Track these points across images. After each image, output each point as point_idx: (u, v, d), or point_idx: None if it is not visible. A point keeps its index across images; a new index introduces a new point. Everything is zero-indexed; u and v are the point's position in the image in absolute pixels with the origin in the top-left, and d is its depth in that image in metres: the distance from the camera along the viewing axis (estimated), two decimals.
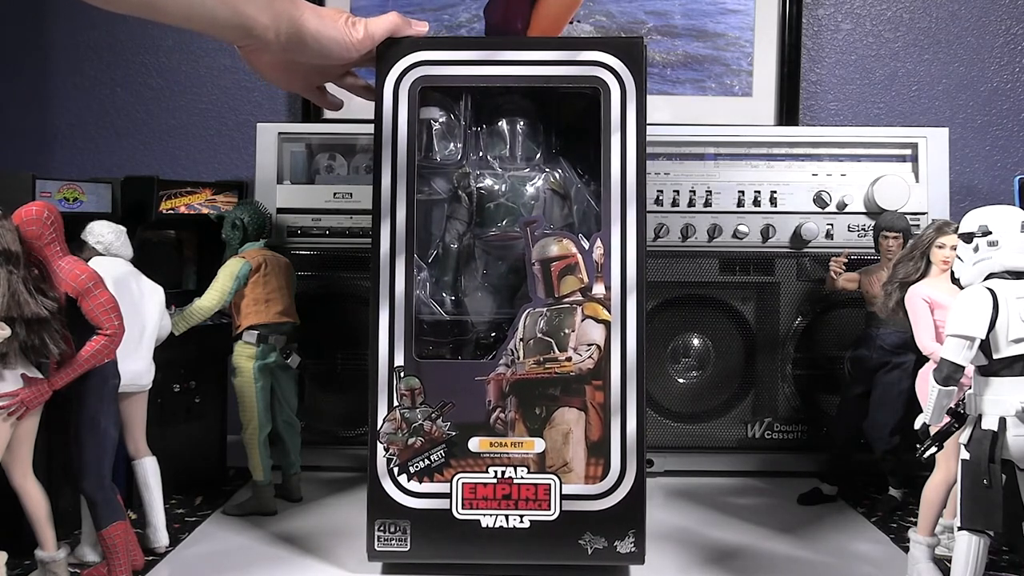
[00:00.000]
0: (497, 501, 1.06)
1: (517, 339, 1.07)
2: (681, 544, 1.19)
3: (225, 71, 1.81)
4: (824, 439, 1.47)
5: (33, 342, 0.93)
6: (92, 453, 1.01)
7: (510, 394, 1.06)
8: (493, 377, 1.07)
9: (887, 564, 1.13)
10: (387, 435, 1.06)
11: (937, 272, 1.11)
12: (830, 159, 1.52)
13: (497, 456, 1.06)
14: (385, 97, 1.07)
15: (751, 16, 1.75)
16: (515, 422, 1.06)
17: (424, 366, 1.07)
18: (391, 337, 1.06)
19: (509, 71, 1.08)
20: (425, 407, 1.06)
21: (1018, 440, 0.86)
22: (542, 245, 1.09)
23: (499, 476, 1.06)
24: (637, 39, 1.09)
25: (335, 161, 1.55)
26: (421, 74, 1.07)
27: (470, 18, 1.73)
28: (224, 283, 1.28)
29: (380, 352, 1.06)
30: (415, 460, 1.06)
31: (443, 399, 1.06)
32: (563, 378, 1.07)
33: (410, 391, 1.06)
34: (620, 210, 1.07)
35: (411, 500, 1.06)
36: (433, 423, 1.06)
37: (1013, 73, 1.79)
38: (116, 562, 1.01)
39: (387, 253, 1.06)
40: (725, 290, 1.51)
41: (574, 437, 1.07)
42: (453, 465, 1.06)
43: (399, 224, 1.07)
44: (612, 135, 1.08)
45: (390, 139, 1.07)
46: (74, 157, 1.81)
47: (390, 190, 1.07)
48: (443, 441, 1.06)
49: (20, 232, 0.95)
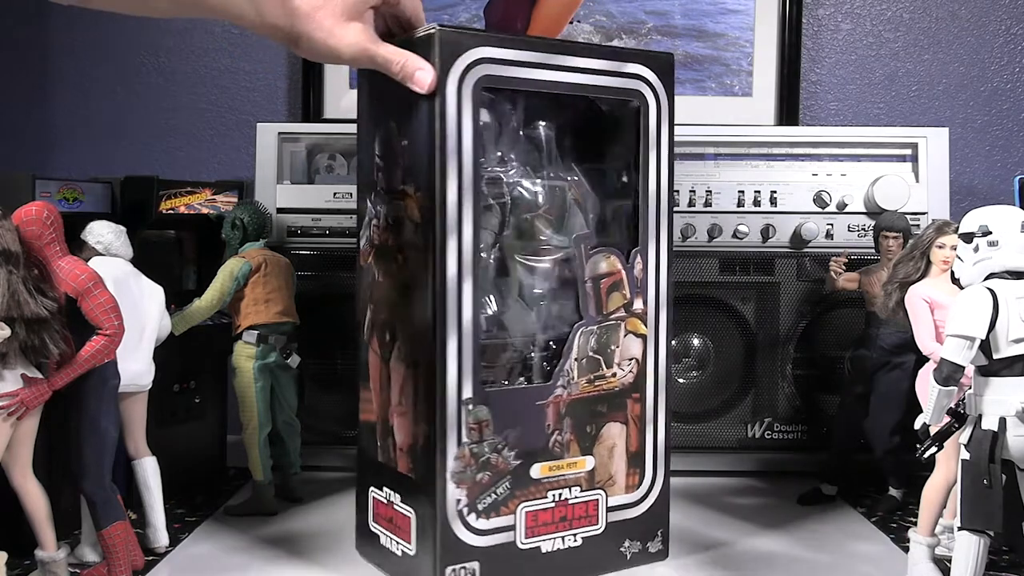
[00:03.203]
0: (555, 524, 1.04)
1: (572, 359, 1.04)
2: (681, 544, 1.19)
3: (225, 71, 1.81)
4: (824, 439, 1.47)
5: (33, 342, 0.93)
6: (92, 453, 1.01)
7: (566, 415, 1.04)
8: (552, 400, 1.03)
9: (887, 564, 1.13)
10: (457, 474, 0.96)
11: (937, 272, 1.11)
12: (830, 159, 1.52)
13: (556, 480, 1.03)
14: (449, 95, 0.94)
15: (751, 16, 1.75)
16: (570, 443, 1.04)
17: (491, 395, 0.99)
18: (459, 368, 0.96)
19: (562, 77, 1.01)
20: (492, 439, 0.99)
21: (1018, 440, 0.86)
22: (593, 262, 1.06)
23: (556, 499, 1.03)
24: (669, 55, 1.10)
25: (335, 161, 1.55)
26: (483, 73, 0.96)
27: (470, 18, 1.73)
28: (224, 283, 1.28)
29: (449, 385, 0.95)
30: (483, 496, 0.98)
31: (507, 428, 0.99)
32: (609, 394, 1.07)
33: (478, 424, 0.98)
34: (655, 225, 1.09)
35: (479, 539, 0.99)
36: (499, 455, 0.99)
37: (1013, 73, 1.79)
38: (116, 562, 1.01)
39: (455, 276, 0.94)
40: (725, 290, 1.51)
41: (618, 450, 1.08)
42: (517, 495, 1.00)
43: (466, 243, 0.95)
44: (650, 151, 1.08)
45: (456, 145, 0.94)
46: (74, 157, 1.81)
47: (456, 204, 0.94)
48: (508, 472, 1.00)
49: (20, 232, 0.95)
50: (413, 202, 0.97)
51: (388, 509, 1.04)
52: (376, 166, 1.04)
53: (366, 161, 1.06)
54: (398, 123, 0.99)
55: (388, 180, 1.02)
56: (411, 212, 0.98)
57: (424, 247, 0.95)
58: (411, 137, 0.97)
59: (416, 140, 0.96)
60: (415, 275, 0.97)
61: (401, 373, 1.01)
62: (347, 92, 1.76)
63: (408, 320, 0.99)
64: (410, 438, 1.00)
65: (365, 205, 1.06)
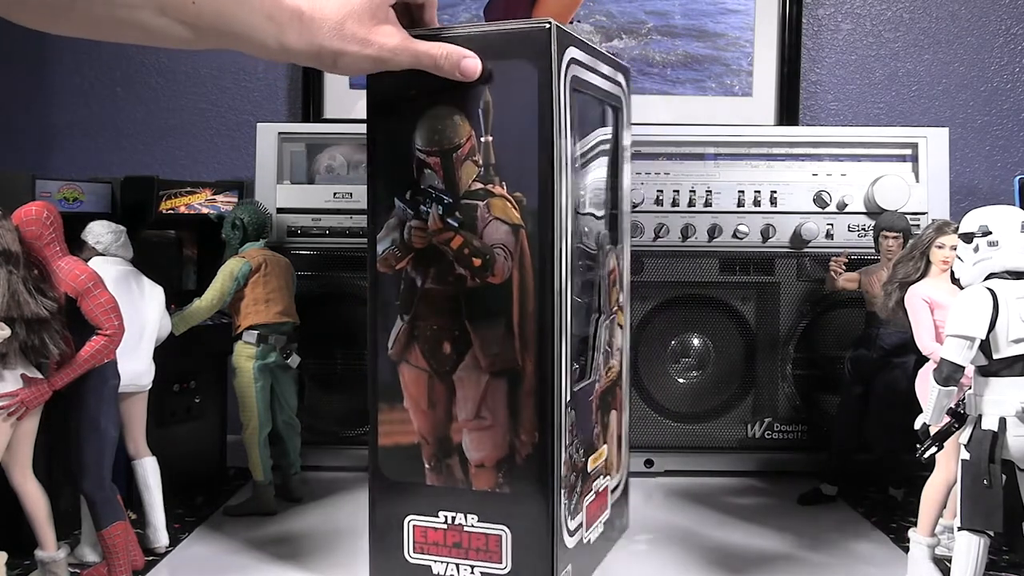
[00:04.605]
0: (597, 513, 1.07)
1: (599, 352, 1.06)
2: (681, 544, 1.19)
3: (225, 71, 1.81)
4: (824, 439, 1.47)
5: (33, 342, 0.93)
6: (92, 453, 1.01)
7: (599, 408, 1.06)
8: (595, 393, 1.05)
9: (887, 564, 1.13)
10: (565, 480, 0.94)
11: (937, 272, 1.11)
12: (830, 159, 1.52)
13: (597, 471, 1.06)
14: (558, 92, 0.90)
15: (751, 16, 1.75)
16: (599, 434, 1.07)
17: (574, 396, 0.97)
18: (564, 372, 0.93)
19: (598, 82, 1.02)
20: (576, 440, 0.97)
21: (1018, 440, 0.86)
22: (607, 257, 1.11)
23: (598, 490, 1.06)
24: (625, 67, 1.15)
25: (335, 161, 1.55)
26: (573, 74, 0.94)
27: (470, 18, 1.73)
28: (224, 283, 1.29)
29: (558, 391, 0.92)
30: (571, 498, 0.97)
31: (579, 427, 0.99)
32: (614, 384, 1.13)
33: (572, 427, 0.95)
34: (627, 223, 1.18)
35: (571, 540, 0.98)
36: (578, 454, 0.98)
37: (1013, 73, 1.79)
38: (116, 562, 1.01)
39: (562, 277, 0.92)
40: (725, 290, 1.51)
41: (614, 436, 1.13)
42: (580, 491, 1.00)
43: (568, 242, 0.93)
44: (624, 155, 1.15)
45: (564, 143, 0.91)
46: (74, 157, 1.81)
47: (563, 203, 0.91)
48: (580, 470, 0.99)
49: (20, 232, 0.95)
50: (504, 201, 0.91)
51: (453, 534, 0.96)
52: (419, 162, 0.95)
53: (390, 159, 0.97)
54: (467, 116, 0.92)
55: (449, 178, 0.94)
56: (500, 211, 0.92)
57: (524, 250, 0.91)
58: (500, 133, 0.91)
59: (510, 137, 0.91)
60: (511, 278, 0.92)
61: (481, 384, 0.94)
62: (347, 92, 1.76)
63: (489, 327, 0.93)
64: (500, 451, 0.94)
65: (388, 206, 0.97)
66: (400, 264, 0.96)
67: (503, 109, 0.91)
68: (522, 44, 0.89)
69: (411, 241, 0.95)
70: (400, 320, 0.97)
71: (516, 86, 0.90)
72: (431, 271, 0.95)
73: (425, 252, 0.95)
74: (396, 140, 0.96)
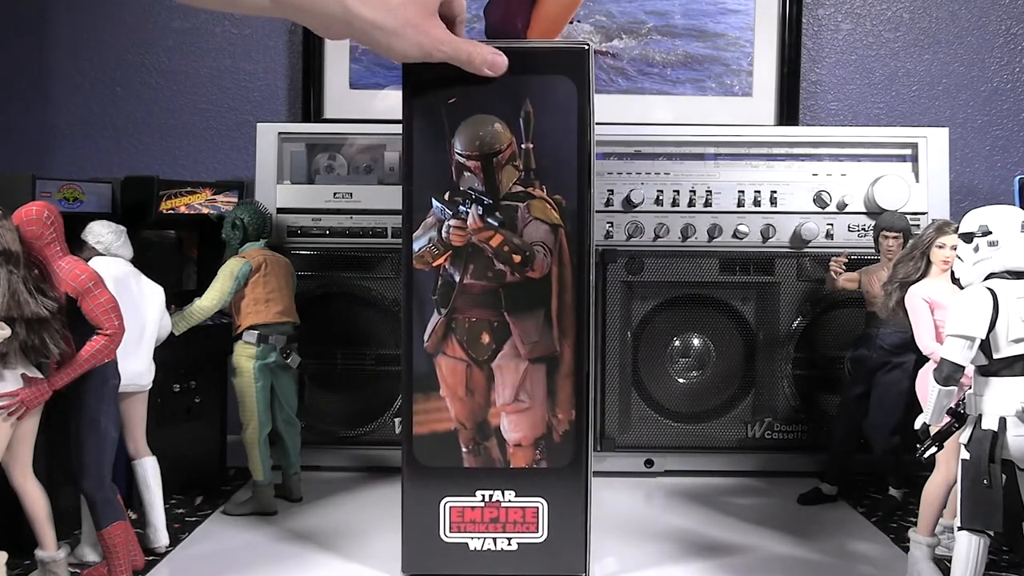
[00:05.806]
0: None
1: None
2: (681, 544, 1.19)
3: (225, 71, 1.81)
4: (824, 439, 1.47)
5: (33, 342, 0.93)
6: (92, 453, 1.01)
7: None
8: None
9: (887, 564, 1.13)
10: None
11: (937, 272, 1.11)
12: (830, 159, 1.52)
13: None
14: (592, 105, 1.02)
15: (751, 16, 1.75)
16: None
17: None
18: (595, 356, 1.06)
19: None
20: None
21: (1018, 440, 0.86)
22: None
23: None
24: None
25: (335, 161, 1.55)
26: None
27: (470, 18, 1.71)
28: (224, 283, 1.29)
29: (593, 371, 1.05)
30: None
31: None
32: None
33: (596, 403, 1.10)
34: None
35: None
36: None
37: (1013, 73, 1.79)
38: (116, 562, 1.01)
39: (593, 271, 1.03)
40: (725, 290, 1.51)
41: None
42: None
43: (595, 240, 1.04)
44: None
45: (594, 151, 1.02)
46: (74, 157, 1.81)
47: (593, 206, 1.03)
48: None
49: (20, 232, 0.95)
50: (544, 203, 1.01)
51: (491, 510, 1.04)
52: (459, 165, 1.01)
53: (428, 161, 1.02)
54: (507, 123, 1.01)
55: (490, 180, 1.02)
56: (540, 212, 1.01)
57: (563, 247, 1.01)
58: (540, 140, 1.01)
59: (550, 143, 1.00)
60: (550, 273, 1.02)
61: (520, 370, 1.03)
62: (347, 92, 1.76)
63: (529, 318, 1.02)
64: (538, 430, 1.03)
65: (424, 205, 1.02)
66: (437, 261, 1.03)
67: (543, 119, 1.00)
68: (563, 61, 1.00)
69: (449, 239, 1.02)
70: (437, 314, 1.03)
71: (557, 98, 1.00)
72: (470, 267, 1.02)
73: (463, 250, 1.02)
74: (434, 144, 1.02)
